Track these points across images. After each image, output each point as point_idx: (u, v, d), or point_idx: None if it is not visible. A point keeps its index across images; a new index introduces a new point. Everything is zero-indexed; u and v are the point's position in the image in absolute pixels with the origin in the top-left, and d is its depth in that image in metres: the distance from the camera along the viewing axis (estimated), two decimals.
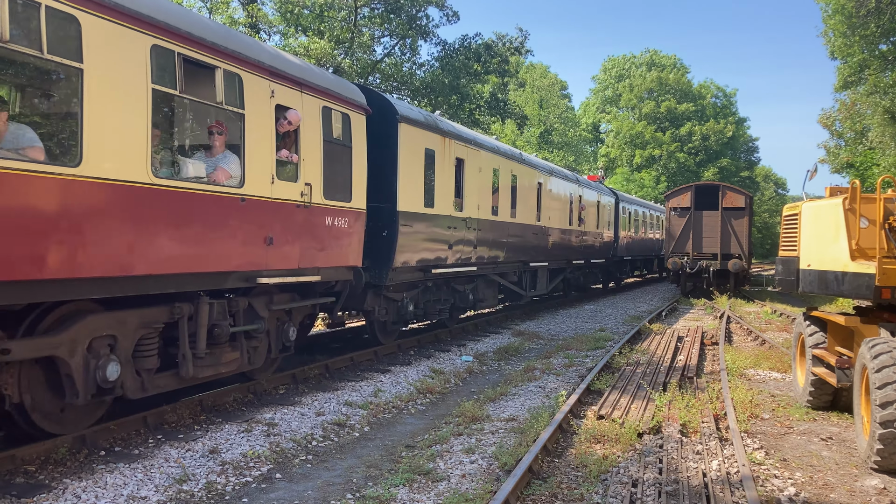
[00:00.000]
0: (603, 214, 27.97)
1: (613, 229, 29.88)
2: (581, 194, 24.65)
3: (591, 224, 26.16)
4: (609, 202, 29.44)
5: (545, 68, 67.33)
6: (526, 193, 18.89)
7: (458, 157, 14.71)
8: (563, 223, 22.26)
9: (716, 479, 6.50)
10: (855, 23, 29.50)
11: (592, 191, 26.67)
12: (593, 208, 26.52)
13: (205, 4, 26.42)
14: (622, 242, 31.19)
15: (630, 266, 35.85)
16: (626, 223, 32.35)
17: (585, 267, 26.31)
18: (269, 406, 9.07)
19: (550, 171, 21.50)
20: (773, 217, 79.78)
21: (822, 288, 8.78)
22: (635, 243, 34.59)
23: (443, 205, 13.90)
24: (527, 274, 19.42)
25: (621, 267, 33.09)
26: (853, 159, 37.28)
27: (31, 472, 6.37)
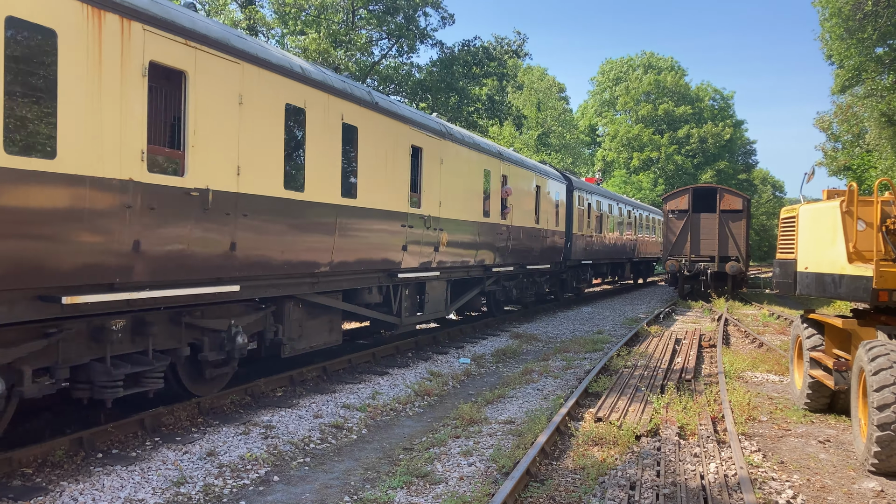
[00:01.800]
0: (546, 205, 21.18)
1: (565, 226, 23.49)
2: (505, 173, 17.63)
3: (526, 217, 19.25)
4: (557, 190, 22.64)
5: (543, 71, 67.37)
6: (389, 162, 11.89)
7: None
8: (471, 213, 15.41)
9: (714, 482, 6.51)
10: (852, 26, 29.57)
11: (528, 170, 19.61)
12: (528, 196, 19.68)
13: (203, 6, 26.42)
14: (579, 243, 24.90)
15: (592, 272, 28.73)
16: (585, 219, 25.82)
17: (520, 275, 19.70)
18: (266, 408, 9.05)
19: (442, 133, 14.07)
20: (771, 220, 79.91)
21: (820, 290, 8.79)
22: (599, 245, 28.11)
23: None
24: (403, 289, 13.05)
25: (578, 274, 26.47)
26: (850, 162, 37.35)
27: (28, 475, 6.36)
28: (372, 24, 28.93)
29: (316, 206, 9.71)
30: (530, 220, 19.67)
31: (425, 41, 29.44)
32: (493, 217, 16.61)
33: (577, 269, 26.12)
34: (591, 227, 26.77)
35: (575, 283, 26.41)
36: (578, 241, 24.98)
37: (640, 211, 37.69)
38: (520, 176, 18.82)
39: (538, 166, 21.74)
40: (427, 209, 13.31)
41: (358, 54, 28.37)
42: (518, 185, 18.51)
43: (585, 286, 28.63)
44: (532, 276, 20.77)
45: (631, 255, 34.22)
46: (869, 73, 32.19)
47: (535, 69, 65.54)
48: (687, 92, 76.74)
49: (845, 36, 30.57)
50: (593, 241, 27.18)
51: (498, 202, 17.06)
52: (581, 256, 25.37)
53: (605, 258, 29.46)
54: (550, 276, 23.07)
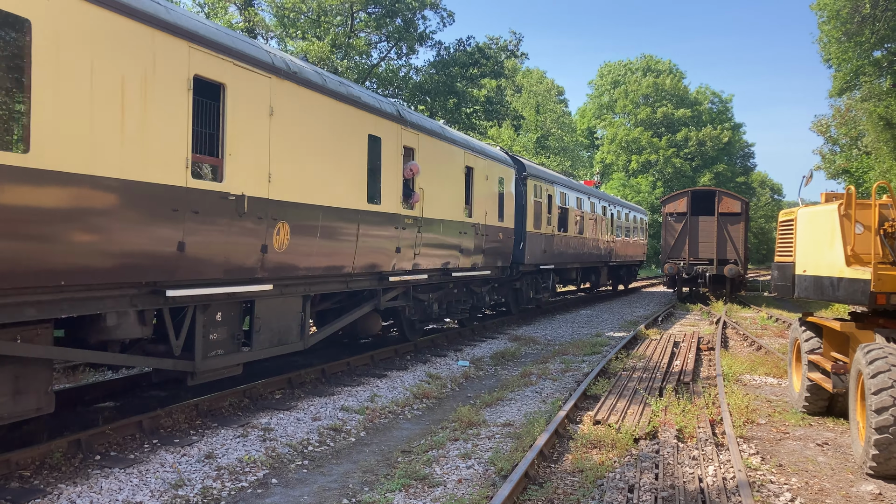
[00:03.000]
0: (483, 194, 16.18)
1: (515, 222, 18.61)
2: (410, 145, 12.64)
3: (449, 208, 14.26)
4: (502, 175, 17.55)
5: (542, 73, 67.45)
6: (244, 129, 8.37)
7: None
8: (344, 197, 10.44)
9: (712, 485, 6.51)
10: (850, 29, 29.65)
11: (451, 145, 14.53)
12: (453, 181, 14.60)
13: (202, 9, 26.45)
14: (535, 244, 19.95)
15: (556, 278, 23.78)
16: (544, 214, 21.06)
17: (447, 285, 15.03)
18: (265, 411, 9.05)
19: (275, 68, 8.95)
20: (769, 223, 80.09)
21: (818, 293, 8.80)
22: (564, 246, 23.38)
23: None
24: (198, 313, 8.04)
25: (537, 281, 21.42)
26: (849, 165, 37.42)
27: (26, 477, 6.35)
28: (371, 28, 28.97)
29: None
30: (456, 212, 14.64)
31: (424, 43, 29.50)
32: (387, 205, 11.61)
33: (536, 275, 21.10)
34: (552, 225, 21.75)
35: (533, 293, 21.15)
36: (535, 242, 19.88)
37: (618, 208, 32.45)
38: (437, 151, 13.67)
39: (470, 142, 16.17)
40: (234, 183, 8.12)
41: (357, 57, 28.41)
42: (433, 164, 13.46)
43: (548, 295, 22.79)
44: (467, 286, 16.16)
45: (607, 259, 29.66)
46: (867, 76, 32.28)
47: (533, 72, 65.64)
48: (685, 95, 76.91)
49: (843, 39, 30.67)
50: (555, 242, 22.20)
51: (396, 184, 11.99)
52: (539, 260, 20.43)
53: (573, 262, 24.81)
54: (497, 285, 18.57)
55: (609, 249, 30.00)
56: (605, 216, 29.55)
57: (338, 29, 27.79)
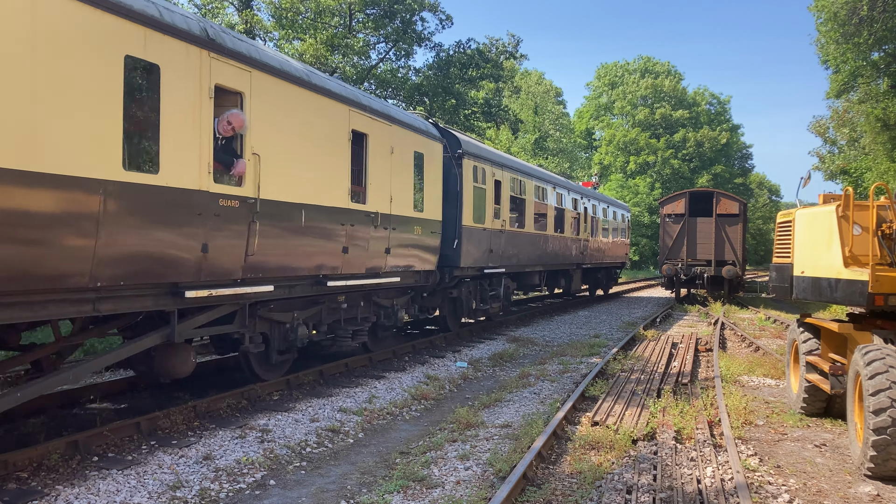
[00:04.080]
0: (386, 173, 12.12)
1: (446, 214, 14.84)
2: (236, 87, 8.45)
3: (328, 191, 10.32)
4: (421, 150, 13.54)
5: (540, 75, 67.53)
6: None
7: None
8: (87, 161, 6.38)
9: (710, 486, 6.51)
10: (848, 31, 29.71)
11: (324, 97, 10.23)
12: (329, 150, 10.41)
13: (199, 10, 26.44)
14: (475, 241, 16.00)
15: (511, 283, 19.49)
16: (490, 205, 16.99)
17: (321, 301, 10.93)
18: (262, 412, 9.04)
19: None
20: (767, 224, 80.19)
21: (816, 295, 8.81)
22: (521, 244, 19.33)
23: None
24: None
25: (481, 288, 17.23)
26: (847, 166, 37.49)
27: (24, 479, 6.33)
28: (369, 29, 28.98)
29: None
30: (334, 195, 10.34)
31: (423, 44, 29.53)
32: (174, 175, 7.43)
33: (480, 281, 17.04)
34: (501, 219, 17.65)
35: (478, 303, 17.03)
36: (476, 239, 15.98)
37: (593, 202, 28.03)
38: (292, 103, 9.37)
39: (362, 98, 11.42)
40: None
41: (355, 58, 28.42)
42: (286, 120, 9.24)
43: (498, 306, 18.20)
44: (367, 298, 12.17)
45: (581, 260, 25.79)
46: (864, 77, 32.34)
47: (532, 73, 65.70)
48: (684, 96, 77.03)
49: (841, 41, 30.72)
50: (507, 240, 18.08)
51: (198, 143, 7.79)
52: (483, 262, 16.49)
53: (535, 264, 20.61)
54: (426, 294, 14.97)
55: (582, 249, 25.98)
56: (577, 210, 25.43)
57: (336, 30, 27.78)
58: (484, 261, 16.62)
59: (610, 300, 31.44)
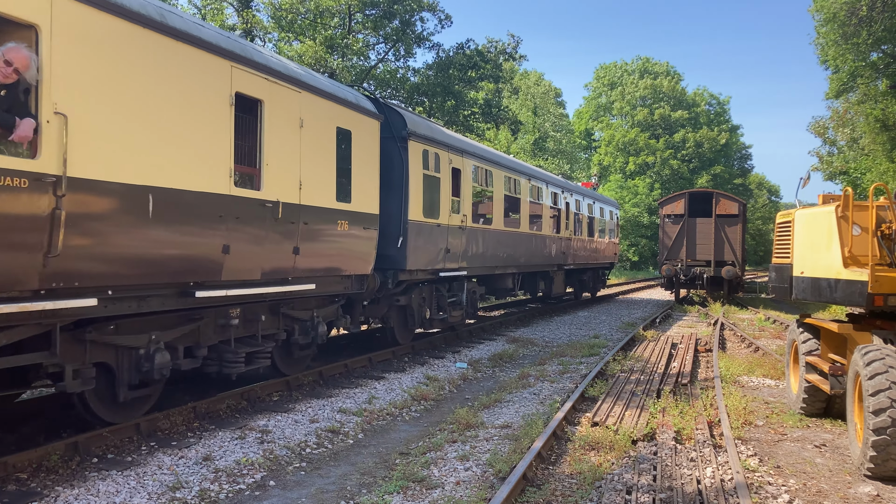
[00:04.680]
0: (301, 152, 9.68)
1: (387, 205, 12.49)
2: (36, 20, 5.88)
3: (193, 170, 7.75)
4: (350, 127, 10.95)
5: (539, 75, 67.54)
6: None
7: None
8: None
9: (710, 487, 6.51)
10: (847, 31, 29.73)
11: (207, 55, 7.90)
12: (198, 122, 7.84)
13: (199, 11, 26.46)
14: (427, 240, 13.59)
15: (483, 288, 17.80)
16: (447, 197, 14.47)
17: (197, 318, 8.41)
18: (262, 413, 9.04)
19: None
20: (767, 224, 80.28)
21: (816, 295, 8.81)
22: (488, 244, 16.76)
23: None
24: None
25: (438, 294, 14.75)
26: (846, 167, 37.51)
27: (23, 480, 6.33)
28: (368, 29, 29.00)
29: None
30: (204, 177, 7.94)
31: (422, 44, 29.54)
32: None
33: (436, 286, 14.60)
34: (463, 214, 15.07)
35: (434, 311, 14.54)
36: (427, 237, 13.47)
37: (576, 197, 25.35)
38: (137, 48, 7.05)
39: (254, 53, 8.95)
40: None
41: (354, 59, 28.42)
42: (129, 75, 6.94)
43: (461, 314, 15.74)
44: (275, 310, 9.85)
45: (563, 261, 23.42)
46: (863, 78, 32.36)
47: (531, 74, 65.72)
48: (683, 97, 77.08)
49: (840, 41, 30.75)
50: (470, 238, 15.54)
51: None
52: (438, 263, 14.05)
53: (507, 265, 18.21)
54: (368, 304, 12.73)
55: (564, 249, 23.53)
56: (558, 206, 22.91)
57: (335, 31, 27.79)
58: (439, 262, 14.17)
59: (609, 301, 31.42)
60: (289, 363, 10.74)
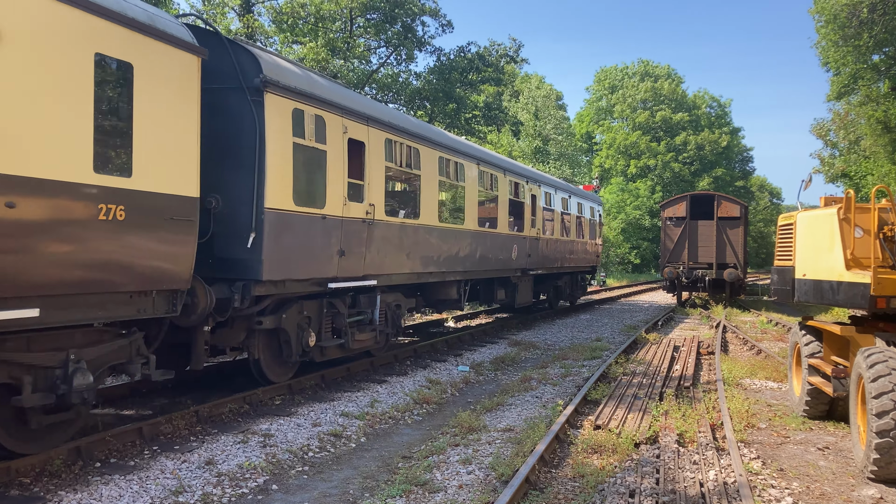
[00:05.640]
0: (34, 100, 5.99)
1: (251, 188, 8.98)
2: None
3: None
4: (153, 64, 7.28)
5: (540, 79, 67.56)
6: None
7: None
8: None
9: (713, 490, 6.50)
10: (848, 33, 29.73)
11: None
12: None
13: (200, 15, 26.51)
14: (302, 238, 9.89)
15: (412, 302, 14.14)
16: (338, 179, 10.57)
17: None
18: (265, 417, 9.04)
19: None
20: (769, 227, 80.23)
21: (818, 297, 8.81)
22: (411, 245, 12.99)
23: None
24: None
25: (334, 314, 11.08)
26: (848, 169, 37.49)
27: (26, 485, 6.34)
28: (370, 33, 29.04)
29: None
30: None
31: (424, 48, 29.58)
32: None
33: (331, 300, 10.96)
34: (369, 202, 11.37)
35: (325, 335, 10.87)
36: (304, 233, 9.93)
37: (545, 188, 21.72)
38: None
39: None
40: None
41: (356, 62, 28.47)
42: None
43: (369, 337, 11.96)
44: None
45: (528, 265, 19.62)
46: (865, 80, 32.35)
47: (532, 77, 65.76)
48: (684, 99, 77.14)
49: (841, 43, 30.74)
50: (382, 235, 11.82)
51: None
52: (326, 270, 10.45)
53: (448, 271, 14.50)
54: (163, 334, 8.27)
55: (530, 251, 19.74)
56: (521, 199, 19.26)
57: (337, 34, 27.84)
58: (329, 269, 10.42)
59: (611, 304, 31.39)
60: (20, 439, 6.66)
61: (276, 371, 10.27)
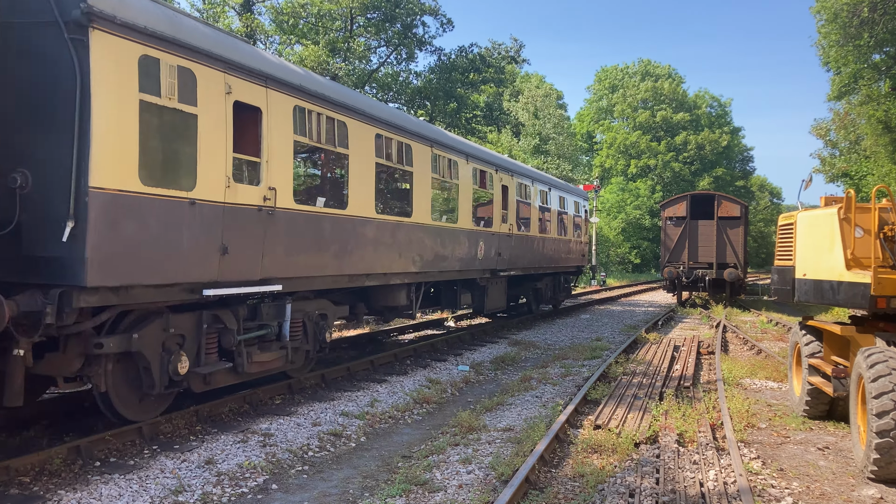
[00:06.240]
0: None
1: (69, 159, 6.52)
2: None
3: None
4: None
5: (541, 78, 67.60)
6: None
7: None
8: None
9: (713, 489, 6.49)
10: (849, 33, 29.72)
11: None
12: None
13: (201, 14, 26.51)
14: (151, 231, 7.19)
15: (333, 307, 11.15)
16: (211, 150, 7.89)
17: None
18: (264, 416, 9.04)
19: None
20: (769, 226, 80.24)
21: (818, 297, 8.80)
22: (332, 241, 10.37)
23: None
24: None
25: (221, 331, 8.58)
26: (848, 169, 37.48)
27: (26, 484, 6.34)
28: (370, 33, 29.03)
29: None
30: None
31: (424, 48, 29.56)
32: None
33: (215, 313, 8.48)
34: (267, 185, 8.83)
35: (212, 359, 8.45)
36: (155, 222, 7.22)
37: (520, 179, 19.27)
38: None
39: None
40: None
41: (356, 62, 28.45)
42: None
43: (278, 357, 9.61)
44: None
45: (499, 265, 17.37)
46: (865, 79, 32.35)
47: (532, 76, 65.78)
48: (684, 99, 77.16)
49: (842, 42, 30.73)
50: (288, 228, 9.33)
51: None
52: (207, 273, 7.91)
53: (391, 272, 12.18)
54: None
55: (501, 249, 17.50)
56: (489, 189, 16.88)
57: (337, 34, 27.83)
58: (203, 271, 7.88)
59: (611, 304, 31.39)
60: None
61: (133, 407, 7.79)
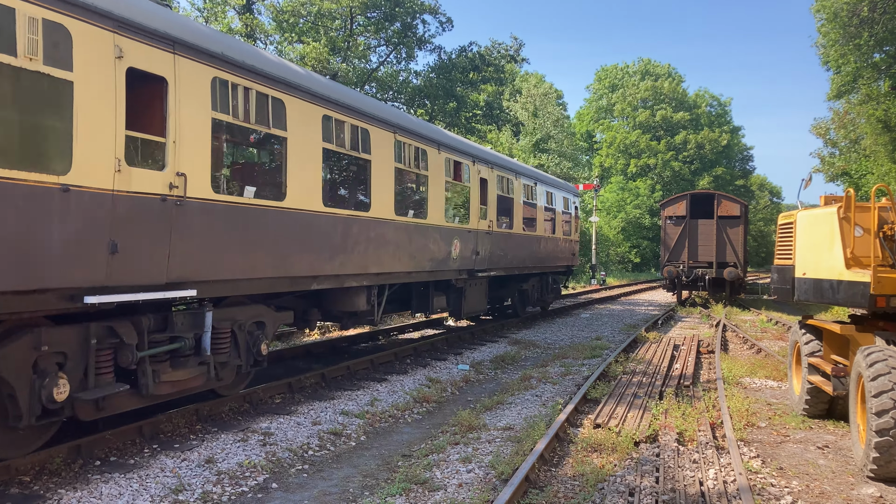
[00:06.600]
0: None
1: None
2: None
3: None
4: None
5: (540, 77, 67.54)
6: None
7: None
8: None
9: (713, 488, 6.50)
10: (849, 32, 29.72)
11: None
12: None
13: (201, 14, 26.51)
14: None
15: (276, 315, 9.69)
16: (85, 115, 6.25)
17: None
18: (264, 415, 9.04)
19: None
20: (769, 225, 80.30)
21: (818, 296, 8.80)
22: (267, 239, 8.82)
23: None
24: None
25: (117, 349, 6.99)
26: (848, 168, 37.48)
27: (26, 483, 6.34)
28: (370, 32, 29.03)
29: None
30: None
31: (424, 47, 29.56)
32: None
33: (105, 325, 6.91)
34: (175, 171, 7.31)
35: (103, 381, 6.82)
36: (17, 210, 5.70)
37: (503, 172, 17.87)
38: None
39: None
40: None
41: (356, 61, 28.45)
42: None
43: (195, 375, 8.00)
44: None
45: (476, 265, 15.97)
46: (865, 79, 32.35)
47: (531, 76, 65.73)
48: (684, 98, 77.17)
49: (842, 42, 30.73)
50: (202, 222, 7.74)
51: None
52: (98, 273, 6.44)
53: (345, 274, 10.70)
54: None
55: (480, 248, 16.07)
56: (465, 182, 15.49)
57: (337, 33, 27.82)
58: (85, 273, 6.41)
59: (611, 303, 31.39)
60: None
61: (2, 440, 6.30)
